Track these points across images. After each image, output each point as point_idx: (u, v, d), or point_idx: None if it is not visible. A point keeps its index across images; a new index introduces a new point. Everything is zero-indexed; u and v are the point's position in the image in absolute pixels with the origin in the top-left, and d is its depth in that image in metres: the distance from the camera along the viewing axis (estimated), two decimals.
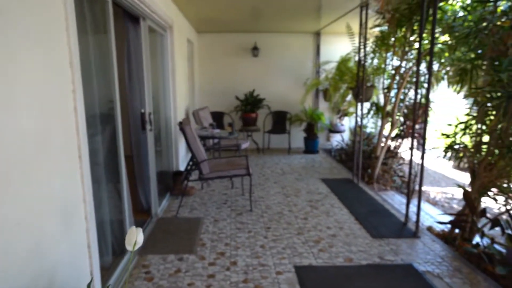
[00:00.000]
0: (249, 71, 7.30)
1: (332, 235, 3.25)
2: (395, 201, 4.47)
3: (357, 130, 5.00)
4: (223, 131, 4.94)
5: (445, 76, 4.68)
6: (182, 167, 4.97)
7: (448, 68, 4.54)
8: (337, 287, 2.41)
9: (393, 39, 4.78)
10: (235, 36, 7.14)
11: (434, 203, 5.03)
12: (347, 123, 7.52)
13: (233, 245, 3.06)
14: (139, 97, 3.52)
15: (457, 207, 4.97)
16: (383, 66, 5.18)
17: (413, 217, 3.53)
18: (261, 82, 7.32)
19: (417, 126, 5.05)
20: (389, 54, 5.18)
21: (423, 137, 3.20)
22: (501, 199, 2.98)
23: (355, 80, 5.21)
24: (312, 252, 2.93)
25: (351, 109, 7.15)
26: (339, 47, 6.98)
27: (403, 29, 4.56)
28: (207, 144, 5.45)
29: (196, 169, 3.85)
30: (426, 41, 3.78)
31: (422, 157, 3.20)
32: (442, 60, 4.54)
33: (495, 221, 2.86)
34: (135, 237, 1.33)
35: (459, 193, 5.48)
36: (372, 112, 5.17)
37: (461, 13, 3.95)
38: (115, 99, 2.56)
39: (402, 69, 4.73)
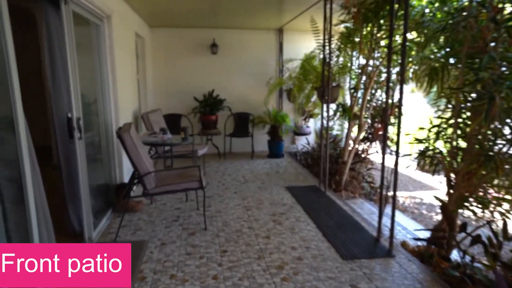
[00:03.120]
0: (208, 69, 6.77)
1: (298, 258, 2.82)
2: (365, 210, 4.14)
3: (323, 133, 4.64)
4: (176, 137, 4.37)
5: (412, 76, 4.44)
6: (127, 179, 4.34)
7: (416, 67, 4.29)
8: None
9: (358, 37, 4.47)
10: (192, 31, 6.58)
11: (404, 209, 4.79)
12: (313, 125, 7.20)
13: (180, 277, 2.54)
14: (67, 99, 2.90)
15: (426, 213, 4.75)
16: (349, 64, 4.87)
17: (385, 229, 3.19)
18: (221, 81, 6.80)
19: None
20: (355, 52, 4.88)
21: (397, 141, 2.85)
22: (481, 211, 2.70)
23: (320, 80, 4.85)
24: (274, 282, 2.47)
25: (317, 110, 6.84)
26: (303, 44, 6.62)
27: (370, 25, 4.25)
28: (159, 151, 4.86)
29: (139, 183, 3.27)
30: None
31: (396, 163, 2.85)
32: (410, 59, 4.28)
33: (476, 238, 2.56)
34: None
35: (428, 197, 5.30)
36: (338, 114, 4.83)
37: (427, 10, 3.70)
38: (13, 100, 1.95)
39: (369, 68, 4.42)
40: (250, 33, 6.73)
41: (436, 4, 3.58)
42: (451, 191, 2.83)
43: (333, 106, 5.04)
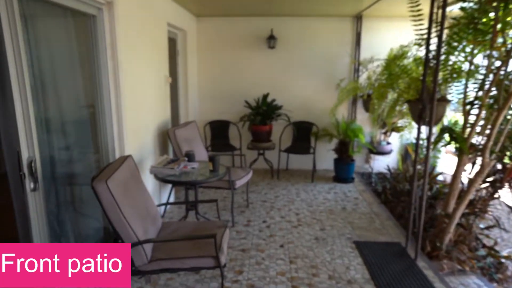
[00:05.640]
0: (263, 67, 5.52)
1: None
2: None
3: (419, 169, 3.09)
4: (203, 165, 3.24)
5: None
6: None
7: None
8: None
9: (487, 24, 2.79)
10: (246, 21, 5.36)
11: None
12: (396, 140, 5.52)
13: None
14: (15, 128, 1.92)
15: None
16: (463, 67, 3.18)
17: None
18: (278, 82, 5.51)
19: None
20: (469, 48, 3.17)
21: None
22: None
23: (415, 89, 3.28)
24: None
25: (401, 122, 5.19)
26: (389, 36, 5.02)
27: None
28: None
29: None
30: None
31: None
32: None
33: None
34: None
35: None
36: (442, 142, 3.20)
37: None
38: None
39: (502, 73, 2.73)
40: (317, 21, 5.29)
41: None
42: None
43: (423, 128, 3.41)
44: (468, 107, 3.07)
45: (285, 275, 2.79)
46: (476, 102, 2.99)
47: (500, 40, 2.74)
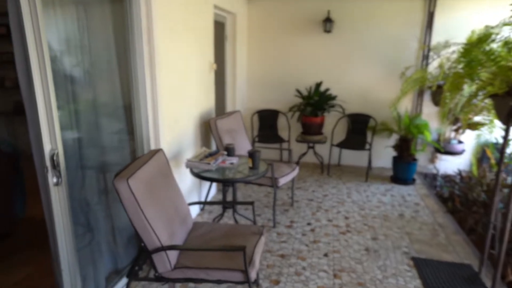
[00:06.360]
0: (318, 53, 5.05)
1: None
2: None
3: (499, 179, 2.52)
4: (243, 161, 2.98)
5: None
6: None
7: None
8: None
9: None
10: (301, 2, 4.92)
11: None
12: (470, 140, 4.76)
13: None
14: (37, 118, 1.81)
15: None
16: None
17: None
18: (333, 70, 5.03)
19: None
20: None
21: None
22: None
23: (507, 81, 2.65)
24: None
25: (478, 118, 4.42)
26: (471, 15, 4.26)
27: None
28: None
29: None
30: None
31: None
32: None
33: None
34: None
35: None
36: None
37: None
38: None
39: None
40: (381, 0, 4.67)
41: None
42: None
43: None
44: None
45: None
46: None
47: None
